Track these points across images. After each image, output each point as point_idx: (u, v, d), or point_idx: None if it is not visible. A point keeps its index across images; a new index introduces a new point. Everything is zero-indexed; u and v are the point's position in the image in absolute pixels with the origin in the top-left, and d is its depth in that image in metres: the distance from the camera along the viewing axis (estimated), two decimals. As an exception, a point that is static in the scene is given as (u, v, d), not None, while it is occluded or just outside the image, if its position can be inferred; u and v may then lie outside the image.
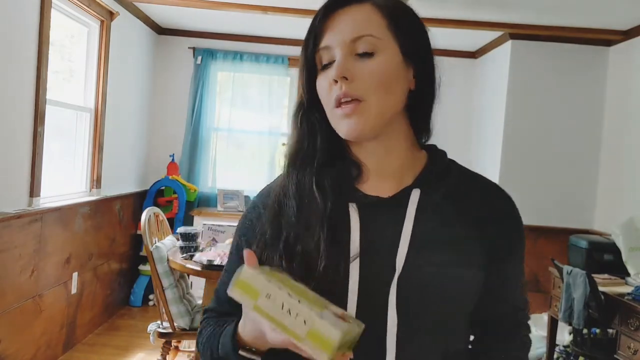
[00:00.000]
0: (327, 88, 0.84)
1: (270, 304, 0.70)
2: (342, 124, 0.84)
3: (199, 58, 4.97)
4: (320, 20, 0.85)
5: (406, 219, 0.85)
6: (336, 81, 0.82)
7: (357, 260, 0.82)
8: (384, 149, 0.88)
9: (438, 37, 0.91)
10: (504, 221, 0.90)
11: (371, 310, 0.81)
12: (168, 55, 5.07)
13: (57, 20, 3.30)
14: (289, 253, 0.83)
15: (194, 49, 5.02)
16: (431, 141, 0.95)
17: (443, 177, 0.90)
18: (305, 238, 0.83)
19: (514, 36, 4.22)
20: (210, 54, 5.00)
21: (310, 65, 0.86)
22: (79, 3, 3.45)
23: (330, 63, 0.84)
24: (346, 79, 0.82)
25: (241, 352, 0.80)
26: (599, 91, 4.22)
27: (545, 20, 3.91)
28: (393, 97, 0.85)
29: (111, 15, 3.94)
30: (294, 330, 0.68)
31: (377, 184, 0.88)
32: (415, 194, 0.87)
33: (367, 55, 0.83)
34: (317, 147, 0.88)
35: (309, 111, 0.89)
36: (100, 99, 3.92)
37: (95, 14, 3.71)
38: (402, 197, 0.87)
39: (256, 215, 0.92)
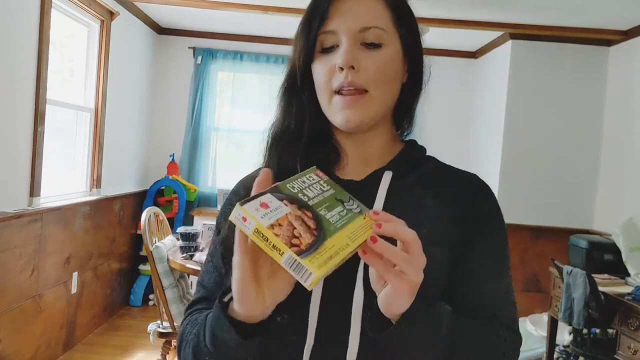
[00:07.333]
0: (326, 73, 0.83)
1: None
2: (341, 113, 0.83)
3: (199, 58, 4.98)
4: (327, 2, 0.83)
5: (377, 199, 0.85)
6: (341, 69, 0.81)
7: None
8: (367, 138, 0.89)
9: (438, 37, 0.91)
10: (477, 206, 0.87)
11: (339, 289, 0.80)
12: (168, 55, 5.08)
13: (57, 20, 3.30)
14: None
15: (194, 48, 5.02)
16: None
17: (416, 165, 0.90)
18: None
19: (514, 36, 4.22)
20: (210, 54, 5.00)
21: (312, 46, 0.84)
22: (79, 3, 3.45)
23: (332, 47, 0.83)
24: (353, 68, 0.81)
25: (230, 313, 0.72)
26: (599, 91, 4.22)
27: (546, 20, 3.91)
28: (392, 90, 0.86)
29: (111, 15, 3.94)
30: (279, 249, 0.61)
31: (354, 169, 0.89)
32: (387, 177, 0.87)
33: (374, 46, 0.83)
34: (304, 129, 0.87)
35: (301, 92, 0.88)
36: (100, 99, 3.92)
37: (95, 13, 3.71)
38: (374, 180, 0.87)
39: (237, 199, 0.90)
